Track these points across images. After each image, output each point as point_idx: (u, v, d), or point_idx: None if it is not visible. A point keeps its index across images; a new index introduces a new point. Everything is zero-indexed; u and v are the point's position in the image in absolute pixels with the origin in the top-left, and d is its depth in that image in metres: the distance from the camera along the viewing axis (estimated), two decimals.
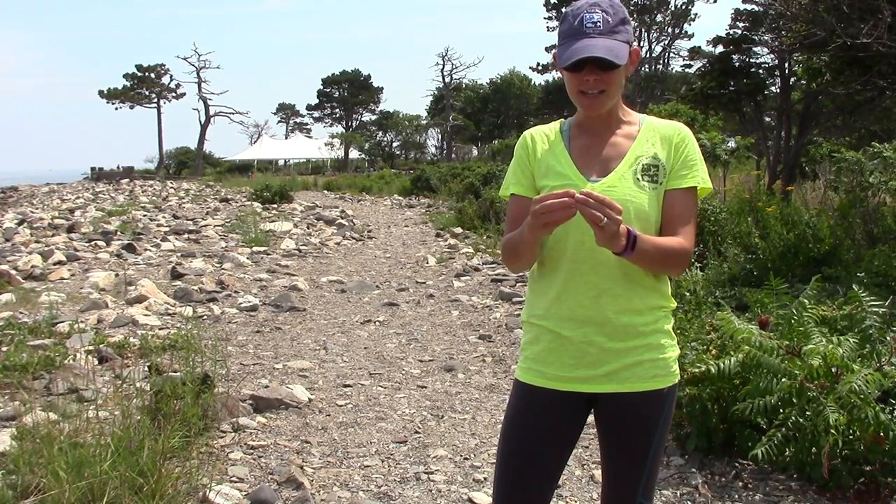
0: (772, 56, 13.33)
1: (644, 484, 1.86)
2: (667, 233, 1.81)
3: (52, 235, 13.74)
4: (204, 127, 54.41)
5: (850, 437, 3.08)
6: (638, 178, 1.78)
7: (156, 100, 59.89)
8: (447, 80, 54.98)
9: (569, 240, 1.78)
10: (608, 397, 1.82)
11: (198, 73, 55.07)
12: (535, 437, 1.85)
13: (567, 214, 1.59)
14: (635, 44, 1.90)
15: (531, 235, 1.70)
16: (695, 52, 34.11)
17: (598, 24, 1.72)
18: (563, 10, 1.84)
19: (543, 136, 1.91)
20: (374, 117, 67.63)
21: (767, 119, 16.29)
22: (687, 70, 43.17)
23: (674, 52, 50.33)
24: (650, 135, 1.84)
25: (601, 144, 1.84)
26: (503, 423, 1.93)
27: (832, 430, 2.95)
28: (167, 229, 15.00)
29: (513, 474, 1.86)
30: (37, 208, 22.31)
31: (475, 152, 55.33)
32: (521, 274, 8.71)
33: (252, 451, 3.82)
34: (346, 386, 4.94)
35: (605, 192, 1.73)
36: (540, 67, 49.40)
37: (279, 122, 76.40)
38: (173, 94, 60.39)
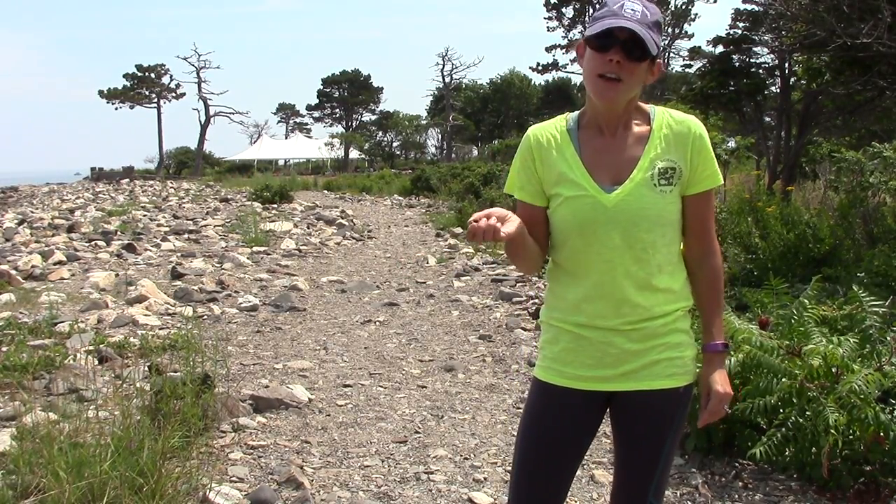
0: (772, 56, 13.35)
1: (656, 483, 1.86)
2: (695, 238, 1.83)
3: (52, 235, 13.74)
4: (204, 127, 54.43)
5: (850, 437, 3.08)
6: (655, 184, 1.74)
7: (156, 100, 59.88)
8: (447, 80, 54.98)
9: (590, 251, 1.77)
10: (625, 395, 1.82)
11: (198, 73, 55.12)
12: (554, 436, 1.85)
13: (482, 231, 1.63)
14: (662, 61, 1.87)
15: (510, 241, 1.73)
16: (695, 52, 34.10)
17: (637, 13, 1.70)
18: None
19: (550, 139, 1.83)
20: (374, 117, 67.63)
21: (767, 119, 16.30)
22: (687, 70, 43.13)
23: (674, 52, 50.29)
24: (664, 133, 1.78)
25: (613, 148, 1.79)
26: (521, 421, 1.92)
27: (832, 430, 2.95)
28: (167, 229, 14.99)
29: (532, 471, 1.86)
30: (37, 208, 22.32)
31: (475, 152, 55.33)
32: (521, 274, 8.72)
33: (252, 451, 3.82)
34: (346, 386, 4.94)
35: (623, 202, 1.73)
36: (540, 67, 49.35)
37: (279, 122, 76.44)
38: (173, 94, 60.38)
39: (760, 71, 13.64)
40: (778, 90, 13.65)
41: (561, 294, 1.84)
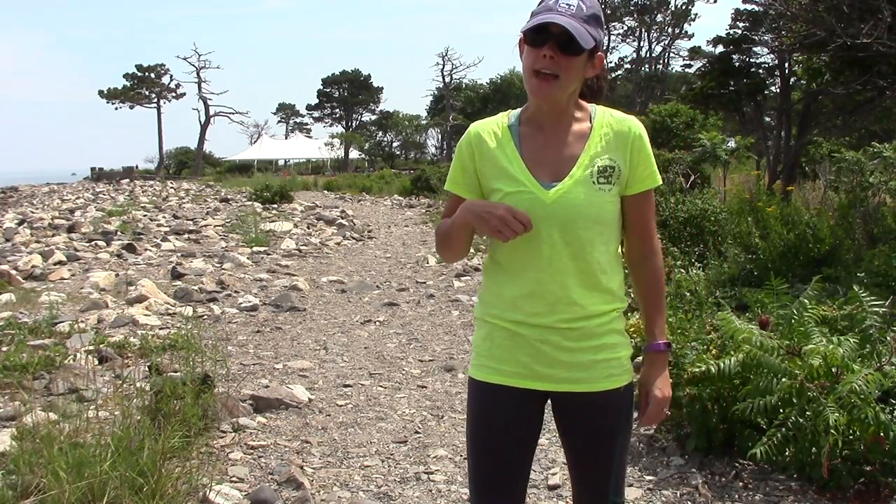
0: (772, 56, 13.35)
1: (614, 483, 1.85)
2: (636, 238, 1.85)
3: (53, 235, 13.74)
4: (204, 127, 54.42)
5: (850, 437, 3.08)
6: (594, 182, 1.74)
7: (156, 100, 59.88)
8: (447, 80, 55.00)
9: (528, 247, 1.75)
10: (565, 397, 1.81)
11: (198, 73, 55.11)
12: (500, 435, 1.84)
13: (516, 235, 1.69)
14: (607, 55, 1.87)
15: (461, 227, 1.78)
16: (695, 52, 34.15)
17: (572, 7, 1.70)
18: None
19: (491, 134, 1.83)
20: (374, 117, 67.63)
21: (767, 119, 16.32)
22: (687, 70, 43.20)
23: (674, 52, 50.38)
24: (604, 132, 1.79)
25: (553, 144, 1.78)
26: (467, 424, 1.91)
27: (832, 430, 2.95)
28: (167, 229, 15.00)
29: (485, 473, 1.86)
30: (37, 208, 22.32)
31: None
32: None
33: (252, 451, 3.82)
34: (346, 386, 4.94)
35: (562, 199, 1.73)
36: None
37: (279, 122, 76.46)
38: (173, 94, 60.37)
39: (760, 71, 13.64)
40: (778, 90, 13.65)
41: (497, 291, 1.83)
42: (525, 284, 1.77)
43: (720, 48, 13.99)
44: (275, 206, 21.32)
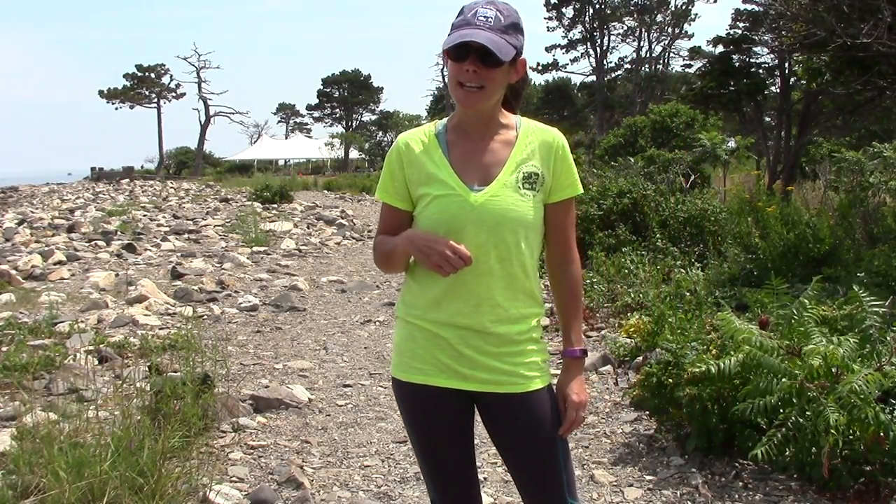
0: (772, 56, 13.35)
1: (566, 484, 1.86)
2: (556, 246, 1.89)
3: (52, 235, 13.74)
4: (204, 127, 54.41)
5: (850, 437, 3.08)
6: (519, 187, 1.79)
7: (156, 100, 59.88)
8: (447, 80, 54.99)
9: None
10: (489, 398, 1.84)
11: (198, 73, 55.10)
12: (435, 435, 1.88)
13: (455, 271, 1.72)
14: (528, 58, 1.88)
15: (402, 255, 1.83)
16: (695, 52, 34.17)
17: (490, 19, 1.73)
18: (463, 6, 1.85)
19: (419, 142, 1.86)
20: (374, 117, 67.58)
21: (767, 119, 16.32)
22: (687, 70, 43.19)
23: (674, 52, 50.33)
24: (529, 140, 1.84)
25: (480, 150, 1.83)
26: (406, 429, 1.95)
27: (832, 430, 2.95)
28: (167, 229, 15.00)
29: (437, 471, 1.90)
30: (37, 208, 22.31)
31: None
32: None
33: (252, 451, 3.82)
34: (346, 386, 4.94)
35: (489, 202, 1.77)
36: (540, 67, 49.42)
37: (279, 122, 76.42)
38: (173, 94, 60.37)
39: (760, 71, 13.65)
40: (778, 90, 13.66)
41: (421, 291, 1.85)
42: (450, 284, 1.79)
43: (720, 48, 13.99)
44: (275, 206, 21.30)
